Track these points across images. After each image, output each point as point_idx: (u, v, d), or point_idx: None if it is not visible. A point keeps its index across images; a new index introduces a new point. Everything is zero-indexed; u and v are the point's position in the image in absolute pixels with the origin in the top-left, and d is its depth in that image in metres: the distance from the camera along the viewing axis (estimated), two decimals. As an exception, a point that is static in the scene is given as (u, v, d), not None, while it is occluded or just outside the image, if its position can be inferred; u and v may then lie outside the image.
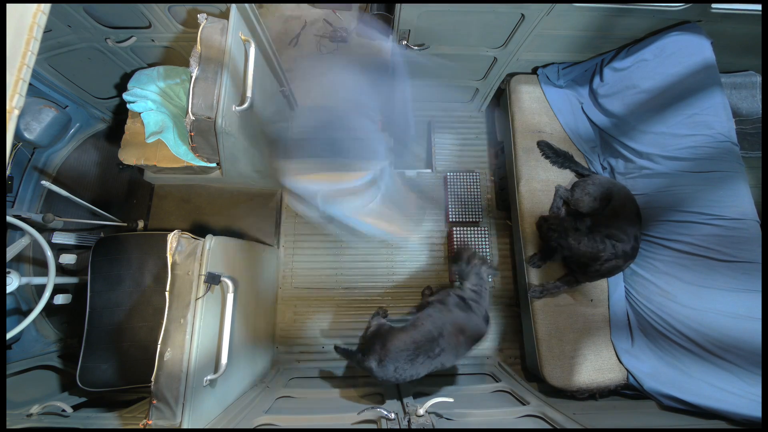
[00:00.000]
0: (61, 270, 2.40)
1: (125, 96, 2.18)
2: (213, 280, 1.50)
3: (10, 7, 0.82)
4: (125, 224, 2.43)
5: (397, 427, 1.35)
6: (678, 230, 1.85)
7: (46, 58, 2.07)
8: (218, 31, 1.75)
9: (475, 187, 2.61)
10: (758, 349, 1.58)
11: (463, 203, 2.57)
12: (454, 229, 2.49)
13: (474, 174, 2.63)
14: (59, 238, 2.42)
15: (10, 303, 2.17)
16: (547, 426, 1.55)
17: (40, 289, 1.87)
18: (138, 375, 1.89)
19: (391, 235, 2.31)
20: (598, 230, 1.85)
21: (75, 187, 2.57)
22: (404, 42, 1.98)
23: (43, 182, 1.91)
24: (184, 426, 1.36)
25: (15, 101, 0.80)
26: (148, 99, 2.17)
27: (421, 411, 1.40)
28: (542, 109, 2.29)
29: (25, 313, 2.00)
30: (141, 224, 2.50)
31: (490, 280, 1.76)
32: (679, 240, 1.83)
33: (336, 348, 1.86)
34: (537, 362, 1.97)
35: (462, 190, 2.61)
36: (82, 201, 2.10)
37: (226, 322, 1.55)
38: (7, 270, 1.78)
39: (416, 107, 2.79)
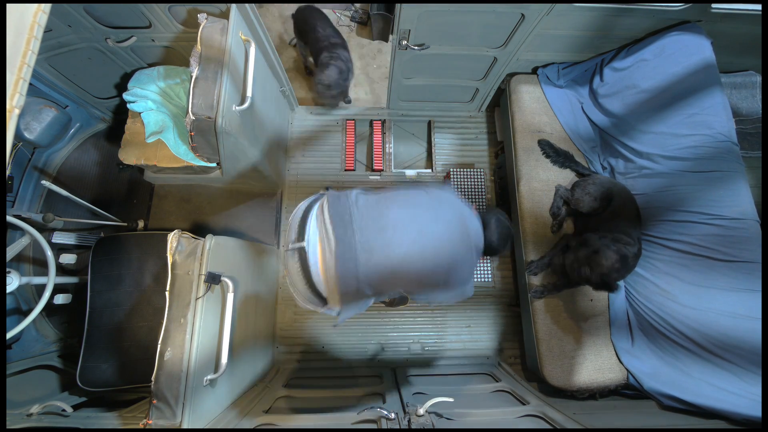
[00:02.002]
0: (61, 270, 2.40)
1: (125, 96, 2.18)
2: (213, 279, 1.50)
3: (10, 6, 0.82)
4: (125, 224, 2.43)
5: (398, 426, 1.34)
6: (678, 230, 1.85)
7: (46, 57, 2.07)
8: (218, 30, 1.75)
9: (479, 183, 2.59)
10: (758, 349, 1.58)
11: (467, 199, 2.55)
12: (454, 229, 2.49)
13: (479, 170, 2.61)
14: (59, 238, 2.42)
15: (10, 303, 2.17)
16: (547, 426, 1.55)
17: (40, 288, 1.87)
18: (138, 375, 1.89)
19: None
20: (603, 235, 1.78)
21: (75, 186, 2.57)
22: (404, 42, 1.98)
23: (44, 182, 1.91)
24: (184, 426, 1.36)
25: (15, 100, 0.80)
26: (149, 99, 2.17)
27: (421, 411, 1.39)
28: (542, 109, 2.29)
29: (25, 313, 2.00)
30: (141, 224, 2.50)
31: None
32: (679, 240, 1.83)
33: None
34: (537, 362, 1.97)
35: (466, 186, 2.58)
36: (82, 201, 2.10)
37: (226, 321, 1.55)
38: (7, 270, 1.78)
39: (416, 107, 2.79)
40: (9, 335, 1.73)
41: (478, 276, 2.44)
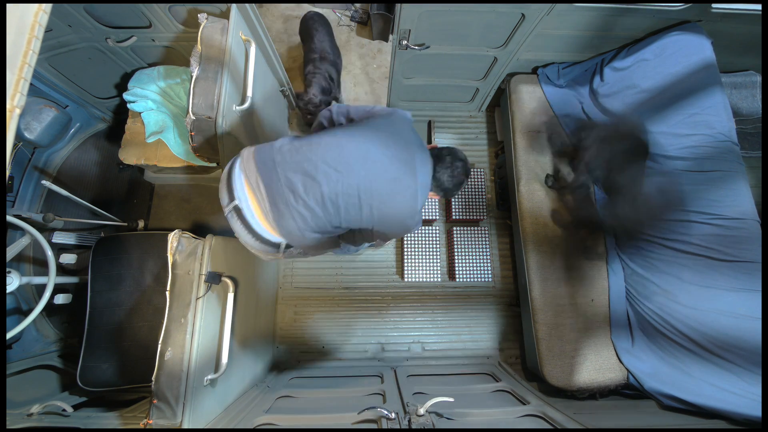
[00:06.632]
0: (62, 270, 2.40)
1: (125, 96, 2.19)
2: (213, 279, 1.50)
3: (11, 6, 0.82)
4: (125, 224, 2.43)
5: (398, 426, 1.34)
6: (678, 230, 1.85)
7: (46, 57, 2.07)
8: (219, 30, 1.76)
9: (479, 183, 2.59)
10: (759, 349, 1.58)
11: (466, 200, 2.55)
12: (454, 228, 2.49)
13: (479, 170, 2.61)
14: (59, 238, 2.42)
15: (10, 303, 2.17)
16: (548, 425, 1.55)
17: (41, 288, 1.87)
18: (138, 374, 1.89)
19: None
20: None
21: (75, 186, 2.57)
22: (404, 42, 1.98)
23: (44, 182, 1.91)
24: (185, 426, 1.36)
25: (16, 100, 0.80)
26: (149, 99, 2.18)
27: (422, 411, 1.39)
28: (542, 109, 2.29)
29: (26, 313, 2.00)
30: (141, 224, 2.51)
31: None
32: (679, 239, 1.83)
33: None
34: (537, 362, 1.97)
35: (466, 186, 2.57)
36: (82, 201, 2.10)
37: (227, 321, 1.55)
38: (8, 270, 1.79)
39: (416, 107, 2.79)
40: (9, 335, 1.73)
41: (479, 275, 2.44)
